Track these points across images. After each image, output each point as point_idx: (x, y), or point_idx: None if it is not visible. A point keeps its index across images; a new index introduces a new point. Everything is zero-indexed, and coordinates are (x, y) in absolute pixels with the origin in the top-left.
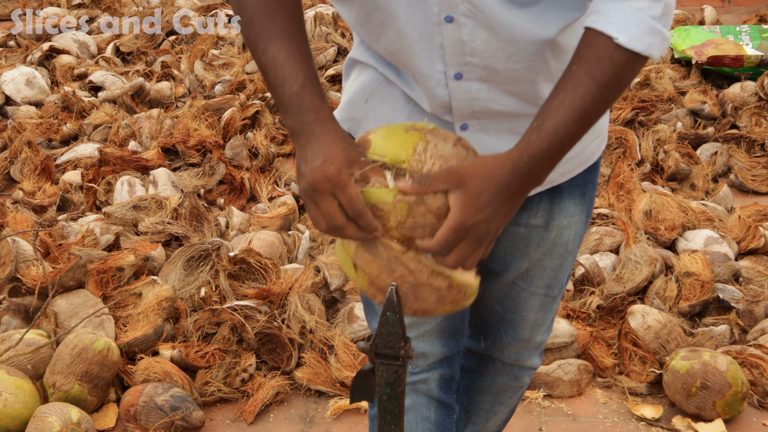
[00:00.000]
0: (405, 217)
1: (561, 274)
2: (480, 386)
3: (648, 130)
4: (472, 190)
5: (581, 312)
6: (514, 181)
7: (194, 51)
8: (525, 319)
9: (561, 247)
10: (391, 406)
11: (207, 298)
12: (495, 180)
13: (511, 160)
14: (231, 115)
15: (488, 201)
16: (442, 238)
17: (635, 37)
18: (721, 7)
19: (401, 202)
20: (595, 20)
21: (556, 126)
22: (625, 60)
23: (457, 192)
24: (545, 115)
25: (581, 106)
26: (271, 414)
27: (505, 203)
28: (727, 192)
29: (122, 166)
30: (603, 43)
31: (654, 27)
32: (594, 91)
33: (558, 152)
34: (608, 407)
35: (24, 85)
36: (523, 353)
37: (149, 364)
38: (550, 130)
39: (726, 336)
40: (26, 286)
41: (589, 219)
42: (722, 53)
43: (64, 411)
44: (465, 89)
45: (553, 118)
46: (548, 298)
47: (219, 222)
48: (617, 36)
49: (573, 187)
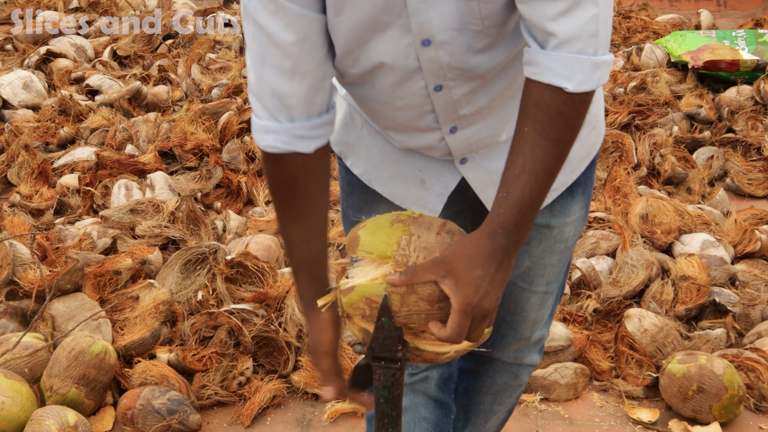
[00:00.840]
0: (399, 306)
1: (559, 269)
2: (479, 387)
3: (644, 134)
4: (461, 272)
5: (578, 315)
6: (496, 252)
7: (191, 55)
8: (525, 318)
9: (561, 244)
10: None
11: (204, 302)
12: (479, 257)
13: (487, 235)
14: (228, 119)
15: (481, 276)
16: (455, 325)
17: (583, 80)
18: (717, 12)
19: (393, 294)
20: (537, 73)
21: (521, 194)
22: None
23: (447, 279)
24: (508, 184)
25: (541, 168)
26: (268, 417)
27: (497, 273)
28: (723, 196)
29: (119, 170)
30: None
31: (597, 62)
32: (551, 149)
33: (529, 215)
34: (605, 411)
35: (21, 88)
36: (522, 351)
37: (146, 367)
38: (517, 198)
39: (722, 339)
40: (23, 289)
41: (587, 214)
42: (718, 58)
43: (61, 414)
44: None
45: (517, 187)
46: (547, 294)
47: (216, 225)
48: (566, 85)
49: (575, 185)
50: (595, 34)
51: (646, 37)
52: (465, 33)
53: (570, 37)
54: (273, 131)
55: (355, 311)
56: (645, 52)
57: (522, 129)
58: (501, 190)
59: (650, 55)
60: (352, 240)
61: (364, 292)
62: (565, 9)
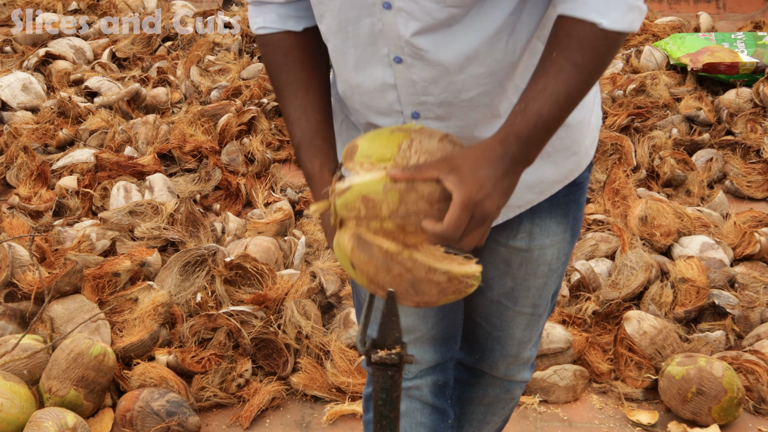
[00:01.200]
0: (397, 205)
1: (546, 292)
2: (472, 397)
3: (643, 137)
4: (467, 170)
5: (577, 318)
6: (505, 158)
7: (190, 57)
8: (512, 336)
9: (544, 266)
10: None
11: (203, 304)
12: (487, 158)
13: (498, 140)
14: (227, 121)
15: (487, 176)
16: (453, 219)
17: (617, 18)
18: (716, 14)
19: (392, 190)
20: (572, 8)
21: (540, 109)
22: (607, 43)
23: (452, 176)
24: (528, 98)
25: (564, 90)
26: (267, 419)
27: (502, 180)
28: (722, 198)
29: (118, 172)
30: (584, 30)
31: (631, 4)
32: (576, 75)
33: (543, 134)
34: (604, 413)
35: (20, 90)
36: (512, 368)
37: (145, 369)
38: (535, 112)
39: (721, 342)
40: (22, 291)
41: (575, 239)
42: (717, 60)
43: (60, 416)
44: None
45: (537, 102)
46: (534, 316)
47: (215, 227)
48: (601, 21)
49: (554, 207)
50: None
51: (645, 39)
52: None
53: None
54: (263, 12)
55: (349, 212)
56: (644, 55)
57: (549, 55)
58: (519, 104)
59: (649, 57)
60: (350, 149)
61: (362, 190)
62: None
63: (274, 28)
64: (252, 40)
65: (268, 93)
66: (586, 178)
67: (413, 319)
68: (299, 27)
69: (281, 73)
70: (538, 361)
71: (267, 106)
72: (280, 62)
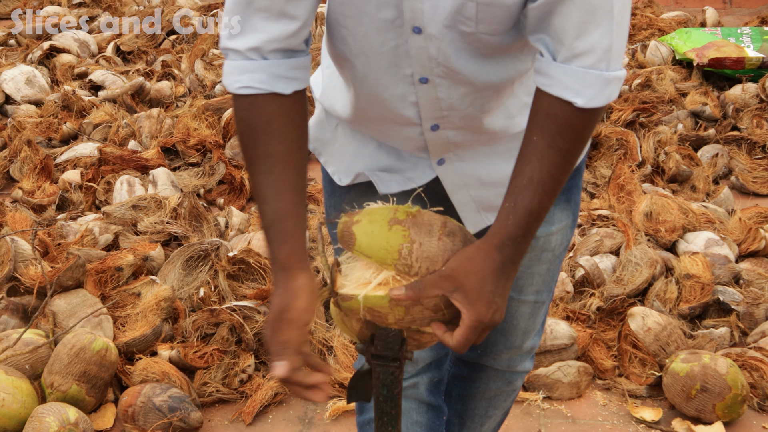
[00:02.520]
0: (403, 315)
1: (549, 278)
2: (473, 392)
3: (649, 132)
4: (473, 288)
5: (581, 314)
6: (506, 264)
7: (195, 50)
8: (516, 327)
9: (549, 253)
10: (388, 407)
11: (206, 299)
12: (489, 271)
13: (495, 247)
14: (231, 115)
15: (492, 291)
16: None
17: (594, 95)
18: (722, 9)
19: (398, 306)
20: (548, 85)
21: (529, 204)
22: (586, 121)
23: (457, 294)
24: (516, 193)
25: (549, 179)
26: (270, 415)
27: (507, 284)
28: (727, 194)
29: (122, 166)
30: (561, 109)
31: (609, 78)
32: (559, 160)
33: (536, 225)
34: (608, 409)
35: (24, 83)
36: (515, 359)
37: (147, 364)
38: (525, 209)
39: (726, 338)
40: (25, 285)
41: (575, 222)
42: (723, 55)
43: (61, 411)
44: (442, 137)
45: (525, 197)
46: (538, 303)
47: (218, 222)
48: (575, 100)
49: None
50: (608, 49)
51: (651, 34)
52: (455, 32)
53: (583, 50)
54: (249, 70)
55: (353, 314)
56: (650, 50)
57: (531, 138)
58: (508, 200)
59: (655, 52)
60: (347, 235)
61: (367, 303)
62: (578, 20)
63: (261, 89)
64: None
65: None
66: (584, 161)
67: None
68: (288, 90)
69: (259, 143)
70: (542, 358)
71: None
72: (260, 130)
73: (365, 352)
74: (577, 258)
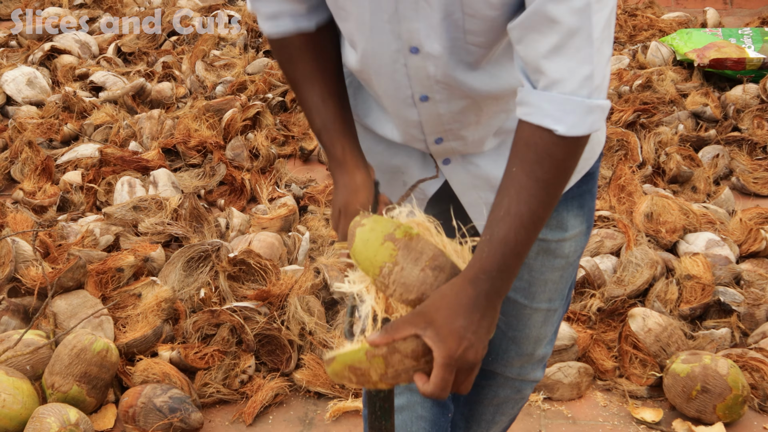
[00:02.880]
0: (384, 369)
1: (562, 285)
2: (481, 398)
3: (649, 133)
4: (443, 323)
5: (581, 315)
6: (479, 299)
7: (195, 51)
8: (528, 335)
9: (562, 260)
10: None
11: (206, 299)
12: (461, 305)
13: (469, 281)
14: (232, 116)
15: (464, 327)
16: (438, 380)
17: (575, 123)
18: (723, 10)
19: (375, 357)
20: (528, 113)
21: (505, 237)
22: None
23: (429, 331)
24: (493, 226)
25: (527, 211)
26: (270, 416)
27: (482, 322)
28: (728, 195)
29: (122, 167)
30: (541, 138)
31: (590, 105)
32: (539, 192)
33: (514, 261)
34: (608, 410)
35: (25, 85)
36: (526, 367)
37: (148, 365)
38: (500, 241)
39: (727, 339)
40: (25, 286)
41: (590, 229)
42: (724, 56)
43: (62, 412)
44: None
45: (501, 230)
46: (550, 311)
47: (219, 223)
48: (556, 128)
49: (569, 199)
50: (589, 76)
51: (651, 35)
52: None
53: (562, 76)
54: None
55: (342, 380)
56: (651, 50)
57: (510, 169)
58: (485, 233)
59: (656, 53)
60: (350, 235)
61: (346, 361)
62: (556, 45)
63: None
64: (257, 35)
65: (274, 88)
66: (597, 167)
67: None
68: (312, 24)
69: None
70: None
71: (272, 101)
72: (295, 58)
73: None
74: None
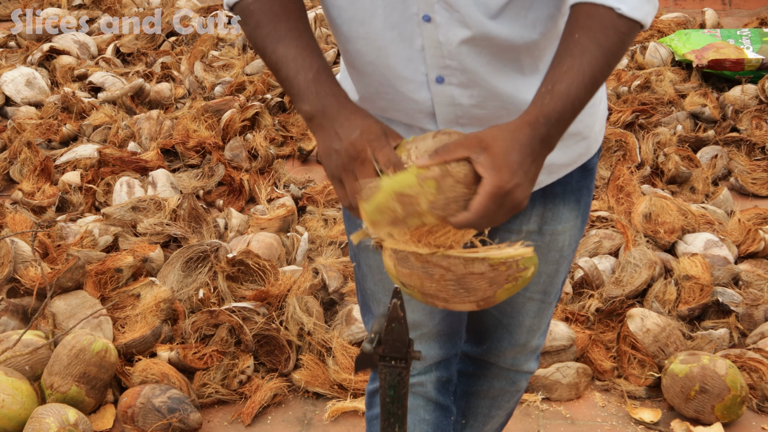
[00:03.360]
0: (435, 194)
1: (557, 279)
2: (477, 390)
3: (648, 133)
4: (499, 152)
5: (580, 315)
6: (534, 142)
7: (194, 52)
8: (522, 323)
9: (556, 253)
10: (394, 408)
11: (205, 300)
12: (518, 141)
13: (528, 123)
14: (230, 117)
15: (519, 162)
16: (481, 208)
17: (635, 6)
18: (722, 11)
19: (427, 179)
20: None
21: (567, 89)
22: (626, 28)
23: (483, 156)
24: (555, 79)
25: (590, 71)
26: (269, 416)
27: (532, 166)
28: (727, 195)
29: (121, 167)
30: (605, 13)
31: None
32: (600, 56)
33: (570, 115)
34: (607, 411)
35: (24, 85)
36: (519, 357)
37: (147, 365)
38: (563, 93)
39: (725, 339)
40: (24, 286)
41: (584, 224)
42: (723, 57)
43: (61, 412)
44: (447, 94)
45: (564, 82)
46: (544, 303)
47: (218, 223)
48: (619, 6)
49: (568, 192)
50: None
51: (650, 35)
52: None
53: None
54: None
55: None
56: (649, 51)
57: (572, 35)
58: (544, 85)
59: (654, 53)
60: None
61: (394, 187)
62: None
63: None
64: None
65: (272, 88)
66: (596, 163)
67: (419, 315)
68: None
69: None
70: (541, 359)
71: (271, 101)
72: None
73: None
74: (576, 259)
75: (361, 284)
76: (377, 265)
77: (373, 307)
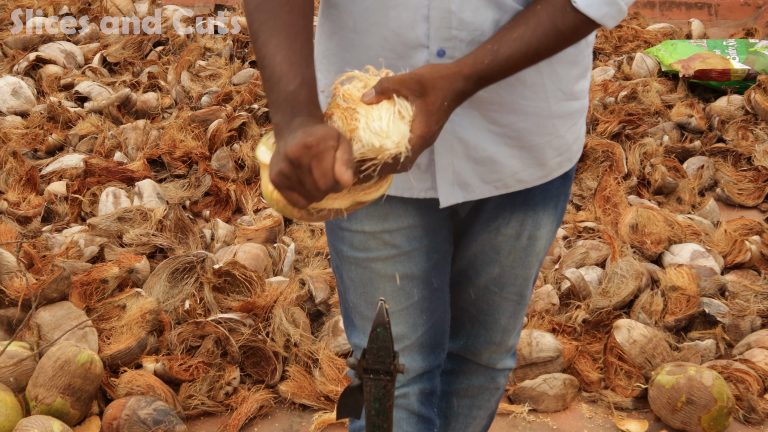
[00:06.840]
0: None
1: (531, 282)
2: (457, 389)
3: (635, 144)
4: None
5: (567, 326)
6: (463, 95)
7: (181, 62)
8: (497, 321)
9: (533, 257)
10: (379, 421)
11: (191, 311)
12: (452, 92)
13: (464, 76)
14: (217, 127)
15: (446, 110)
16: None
17: (591, 4)
18: (708, 21)
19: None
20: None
21: (510, 57)
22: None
23: (420, 101)
24: (502, 42)
25: (536, 45)
26: (255, 428)
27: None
28: (713, 206)
29: (107, 177)
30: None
31: None
32: (551, 36)
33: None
34: (593, 422)
35: (10, 95)
36: (494, 356)
37: (132, 377)
38: (503, 59)
39: (712, 350)
40: (9, 297)
41: (558, 228)
42: (709, 67)
43: (46, 424)
44: None
45: (510, 49)
46: (520, 305)
47: (204, 234)
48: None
49: (547, 199)
50: None
51: (637, 46)
52: None
53: None
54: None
55: None
56: (636, 61)
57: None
58: (491, 43)
59: (641, 64)
60: None
61: None
62: None
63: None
64: (243, 45)
65: (259, 98)
66: (574, 169)
67: (403, 328)
68: None
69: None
70: (528, 370)
71: (258, 111)
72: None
73: (356, 366)
74: (563, 270)
75: (344, 297)
76: (359, 278)
77: (356, 320)
